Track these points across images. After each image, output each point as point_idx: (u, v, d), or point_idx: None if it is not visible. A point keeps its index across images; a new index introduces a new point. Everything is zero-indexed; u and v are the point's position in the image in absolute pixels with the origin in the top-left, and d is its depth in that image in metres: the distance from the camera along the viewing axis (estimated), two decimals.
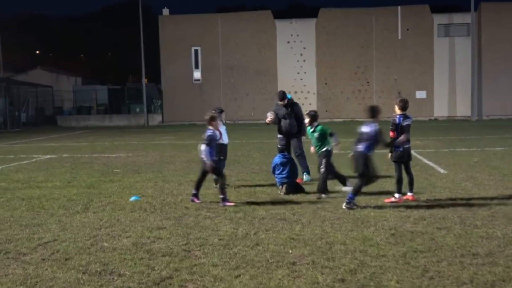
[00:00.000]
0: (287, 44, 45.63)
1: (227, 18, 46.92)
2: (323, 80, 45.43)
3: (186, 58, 46.53)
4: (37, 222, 8.70)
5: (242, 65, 45.91)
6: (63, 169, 15.60)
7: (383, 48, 44.60)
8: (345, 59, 45.03)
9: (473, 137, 24.13)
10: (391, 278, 5.67)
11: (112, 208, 9.68)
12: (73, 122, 47.28)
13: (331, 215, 8.65)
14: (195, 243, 7.19)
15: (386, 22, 44.46)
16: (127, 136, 31.27)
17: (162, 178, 13.25)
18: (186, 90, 46.37)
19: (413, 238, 7.17)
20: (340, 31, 44.93)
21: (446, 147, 19.38)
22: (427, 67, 44.46)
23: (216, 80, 46.35)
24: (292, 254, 6.59)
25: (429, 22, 44.30)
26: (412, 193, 9.79)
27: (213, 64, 46.20)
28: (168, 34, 46.61)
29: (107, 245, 7.24)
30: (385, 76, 44.80)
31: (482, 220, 8.10)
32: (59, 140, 28.64)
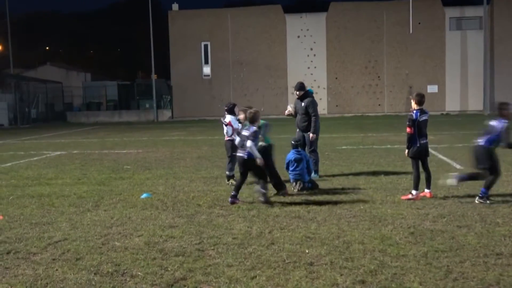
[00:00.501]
0: (297, 38, 45.37)
1: (237, 13, 46.71)
2: (333, 74, 45.15)
3: (195, 53, 46.41)
4: (47, 220, 8.56)
5: (252, 60, 45.71)
6: (73, 165, 15.48)
7: (394, 42, 44.24)
8: (355, 54, 44.72)
9: None
10: (413, 279, 5.46)
11: (123, 205, 9.53)
12: (83, 118, 47.29)
13: (347, 213, 8.44)
14: (208, 242, 7.01)
15: (397, 16, 44.08)
16: (136, 132, 31.18)
17: (173, 175, 13.08)
18: (196, 86, 46.26)
19: (433, 237, 6.95)
20: (351, 25, 44.60)
21: (460, 142, 19.08)
22: (439, 61, 44.07)
23: (225, 75, 46.18)
24: (309, 254, 6.39)
25: (441, 16, 43.88)
26: (430, 190, 9.56)
27: (223, 59, 46.04)
28: (178, 29, 46.49)
29: (118, 244, 7.08)
30: (396, 71, 44.45)
31: (503, 218, 7.86)
32: (69, 137, 28.59)
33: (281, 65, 45.56)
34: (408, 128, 9.53)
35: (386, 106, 44.88)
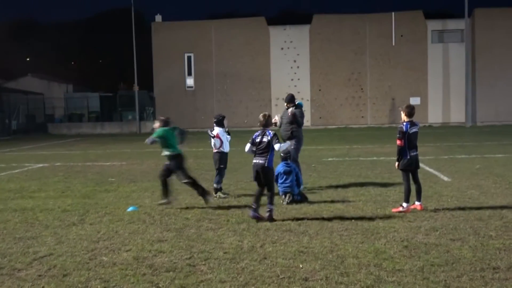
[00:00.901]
0: (281, 50, 45.44)
1: (220, 25, 46.69)
2: (317, 86, 45.24)
3: (179, 65, 46.23)
4: (31, 234, 8.33)
5: (236, 72, 45.66)
6: (56, 178, 15.22)
7: (377, 54, 44.50)
8: (339, 66, 44.88)
9: (470, 143, 23.94)
10: None
11: (109, 219, 9.33)
12: (64, 130, 46.75)
13: (339, 226, 8.34)
14: (199, 257, 6.85)
15: (380, 28, 44.39)
16: (120, 143, 30.88)
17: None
18: (179, 97, 46.06)
19: (427, 251, 6.86)
20: (334, 37, 44.79)
21: (446, 154, 19.16)
22: (421, 73, 44.39)
23: (209, 87, 46.05)
24: (303, 269, 6.26)
25: (423, 28, 44.27)
26: (420, 202, 9.49)
27: (206, 71, 45.93)
28: (161, 40, 46.31)
29: (106, 259, 6.89)
30: (379, 83, 44.68)
31: (496, 231, 7.81)
32: (51, 148, 28.22)
33: (264, 77, 45.55)
34: (398, 141, 9.48)
35: (369, 118, 45.05)
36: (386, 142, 25.42)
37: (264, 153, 9.03)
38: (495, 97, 43.12)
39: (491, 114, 43.21)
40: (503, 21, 43.39)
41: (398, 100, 44.42)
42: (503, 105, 43.01)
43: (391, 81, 44.52)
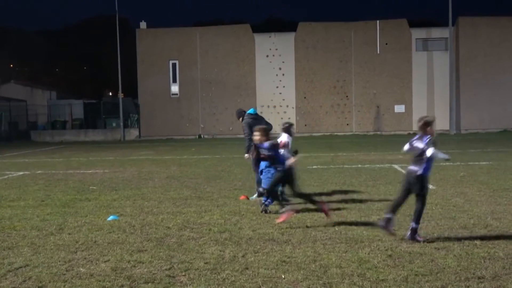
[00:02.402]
0: (266, 58, 45.48)
1: (206, 32, 46.63)
2: (302, 94, 45.30)
3: (163, 72, 46.09)
4: (7, 245, 8.12)
5: (221, 79, 45.60)
6: (37, 186, 14.97)
7: (362, 62, 44.69)
8: (324, 73, 45.00)
9: (455, 151, 23.98)
10: None
11: (88, 228, 9.13)
12: (47, 137, 46.34)
13: (322, 235, 8.22)
14: (179, 268, 6.69)
15: (365, 36, 44.61)
16: (103, 151, 30.60)
17: (141, 196, 12.71)
18: (164, 105, 45.87)
19: (412, 260, 6.76)
20: (319, 45, 44.93)
21: None
22: (406, 81, 44.65)
23: (194, 94, 45.93)
24: (286, 279, 6.13)
25: (408, 37, 44.56)
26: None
27: (191, 78, 45.83)
28: (146, 47, 46.16)
29: (83, 270, 6.70)
30: (364, 90, 44.84)
31: (481, 239, 7.74)
32: (33, 156, 27.88)
33: (250, 84, 45.53)
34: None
35: (354, 126, 45.15)
36: (371, 150, 25.45)
37: (419, 160, 8.19)
38: (479, 105, 43.47)
39: (475, 122, 43.53)
40: (487, 29, 43.79)
41: (383, 108, 44.64)
42: (487, 113, 43.37)
43: (376, 88, 44.69)
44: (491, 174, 15.13)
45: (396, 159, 20.15)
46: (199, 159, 23.01)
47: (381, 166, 17.88)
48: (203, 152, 27.13)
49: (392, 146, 27.51)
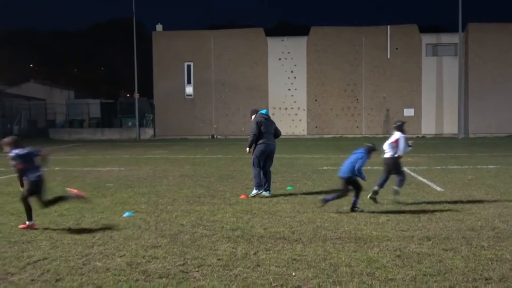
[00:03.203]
0: (278, 61, 45.44)
1: (220, 35, 46.66)
2: (313, 96, 45.21)
3: (178, 73, 46.17)
4: (26, 238, 8.19)
5: (234, 81, 45.63)
6: (55, 182, 15.05)
7: (372, 66, 44.52)
8: (335, 77, 44.88)
9: (463, 154, 23.88)
10: None
11: (105, 224, 9.19)
12: (65, 135, 46.61)
13: (332, 234, 8.21)
14: (192, 264, 6.71)
15: (375, 41, 44.43)
16: (119, 149, 30.72)
17: (156, 193, 12.76)
18: (178, 105, 45.98)
19: (420, 260, 6.73)
20: (331, 49, 44.82)
21: (438, 165, 19.06)
22: (415, 85, 44.42)
23: (207, 95, 45.99)
24: (296, 277, 6.13)
25: (418, 42, 44.33)
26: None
27: (205, 79, 45.88)
28: (161, 49, 46.29)
29: (100, 264, 6.74)
30: (374, 94, 44.67)
31: (488, 241, 7.70)
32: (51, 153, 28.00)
33: (262, 86, 45.51)
34: None
35: (364, 128, 45.00)
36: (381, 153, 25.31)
37: None
38: (487, 110, 43.17)
39: (483, 127, 43.22)
40: (496, 36, 43.49)
41: (393, 111, 44.44)
42: (495, 118, 43.07)
43: (386, 92, 44.51)
44: (498, 177, 15.03)
45: (405, 162, 20.01)
46: (212, 158, 23.04)
47: None
48: (216, 152, 27.16)
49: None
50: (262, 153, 12.18)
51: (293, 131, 44.93)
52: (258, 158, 12.18)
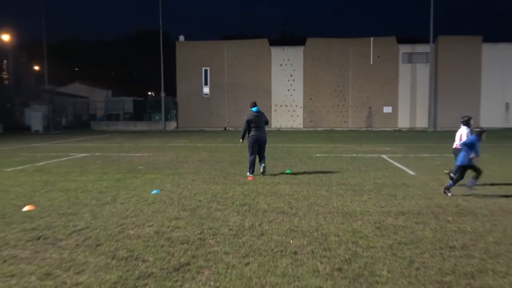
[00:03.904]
0: (280, 66, 45.24)
1: (231, 45, 46.47)
2: (308, 96, 45.03)
3: (197, 76, 46.08)
4: (72, 211, 8.22)
5: (243, 83, 45.49)
6: (95, 165, 15.11)
7: (357, 71, 44.26)
8: (326, 80, 44.67)
9: (432, 145, 23.76)
10: (382, 268, 5.23)
11: (136, 200, 9.21)
12: (104, 127, 46.68)
13: (323, 210, 8.20)
14: (208, 233, 6.72)
15: (360, 50, 44.14)
16: (148, 139, 30.75)
17: (178, 175, 12.77)
18: (197, 103, 45.93)
19: (396, 231, 6.72)
20: (323, 57, 44.57)
21: (412, 153, 18.97)
22: (393, 87, 44.15)
23: (221, 95, 45.89)
24: (293, 244, 6.14)
25: (395, 51, 44.01)
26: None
27: (219, 81, 45.77)
28: (183, 56, 46.17)
29: (132, 232, 6.77)
30: (359, 94, 44.44)
31: (453, 216, 7.67)
32: (92, 142, 28.12)
33: (266, 88, 45.36)
34: None
35: (350, 123, 44.83)
36: (364, 142, 25.26)
37: None
38: (453, 107, 42.88)
39: (449, 121, 42.94)
40: (461, 46, 43.12)
41: (374, 109, 44.25)
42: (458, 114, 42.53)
43: (369, 93, 44.28)
44: None
45: (383, 150, 20.00)
46: (225, 146, 23.04)
47: (371, 156, 17.76)
48: (227, 141, 27.14)
49: (381, 140, 27.30)
50: (253, 143, 12.47)
51: (292, 125, 44.83)
52: (250, 146, 12.53)
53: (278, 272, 5.11)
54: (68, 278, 5.00)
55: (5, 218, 7.67)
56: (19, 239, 6.44)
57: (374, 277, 4.94)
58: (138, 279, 4.95)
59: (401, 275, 5.02)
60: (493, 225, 7.11)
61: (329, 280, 4.87)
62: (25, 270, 5.26)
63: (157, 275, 5.06)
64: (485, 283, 4.80)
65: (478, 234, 6.58)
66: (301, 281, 4.86)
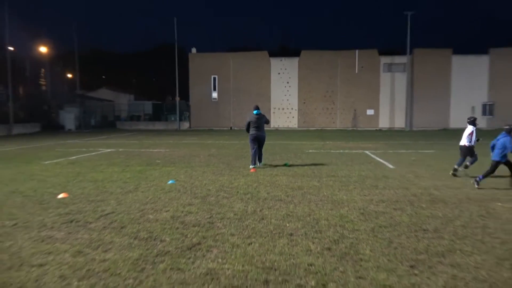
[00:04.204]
0: (278, 75, 45.15)
1: (236, 56, 46.39)
2: (302, 100, 44.95)
3: (207, 83, 46.01)
4: (100, 198, 8.23)
5: (246, 89, 45.42)
6: (120, 159, 15.11)
7: (345, 79, 44.16)
8: (318, 86, 44.57)
9: (409, 142, 23.70)
10: (365, 247, 5.23)
11: (155, 189, 9.21)
12: (127, 126, 46.64)
13: (315, 198, 8.19)
14: (216, 217, 6.73)
15: (347, 61, 44.02)
16: (165, 136, 30.75)
17: (191, 168, 12.76)
18: (207, 106, 45.88)
19: (377, 216, 6.72)
20: (316, 66, 44.47)
21: (391, 149, 18.93)
22: (375, 93, 44.04)
23: (227, 99, 45.83)
24: (289, 227, 6.14)
25: (377, 62, 43.88)
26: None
27: (226, 88, 45.71)
28: (195, 66, 46.11)
29: (151, 217, 6.78)
30: (346, 99, 44.35)
31: (426, 203, 7.66)
32: (117, 139, 28.13)
33: (266, 93, 45.28)
34: None
35: (338, 123, 44.74)
36: (350, 140, 25.22)
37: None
38: (427, 110, 42.83)
39: (424, 122, 42.91)
40: (434, 57, 43.00)
41: (359, 111, 44.16)
42: (432, 116, 42.73)
43: (354, 97, 44.17)
44: (435, 159, 14.90)
45: (367, 147, 19.96)
46: (230, 143, 23.03)
47: (356, 152, 17.73)
48: (233, 139, 27.14)
49: (364, 138, 27.26)
50: (253, 140, 12.68)
51: (288, 125, 44.78)
52: (250, 143, 12.76)
53: (276, 251, 5.12)
54: (97, 255, 5.02)
55: (43, 204, 7.69)
56: (55, 222, 6.46)
57: (358, 255, 4.95)
58: (156, 256, 4.96)
59: (381, 253, 5.02)
60: (461, 211, 7.10)
61: (320, 258, 4.88)
62: (60, 248, 5.27)
63: (172, 253, 5.08)
64: (454, 261, 4.80)
65: (448, 219, 6.57)
66: (296, 258, 4.87)
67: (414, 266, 4.63)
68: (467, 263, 4.75)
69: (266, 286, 4.17)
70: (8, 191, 8.94)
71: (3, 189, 9.18)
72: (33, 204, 7.66)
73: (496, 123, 42.50)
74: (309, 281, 4.27)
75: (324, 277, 4.34)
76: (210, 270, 4.55)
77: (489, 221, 6.47)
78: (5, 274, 4.49)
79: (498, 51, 42.98)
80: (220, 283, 4.23)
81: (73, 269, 4.62)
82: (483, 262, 4.75)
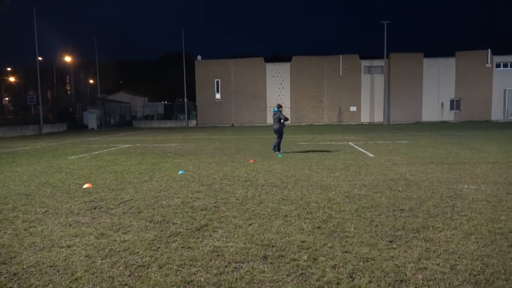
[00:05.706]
0: (272, 78, 45.01)
1: (237, 62, 46.21)
2: (294, 99, 44.85)
3: (211, 86, 45.86)
4: (120, 187, 8.20)
5: (245, 91, 45.28)
6: (136, 153, 15.06)
7: (331, 80, 44.04)
8: (307, 87, 44.46)
9: (386, 134, 23.67)
10: (350, 226, 5.22)
11: (167, 178, 9.18)
12: (142, 125, 46.51)
13: (306, 184, 8.17)
14: (221, 202, 6.71)
15: (332, 65, 43.89)
16: (175, 133, 30.67)
17: (198, 159, 12.73)
18: (211, 106, 45.76)
19: (360, 199, 6.70)
20: (305, 70, 44.34)
21: (371, 140, 18.90)
22: (357, 92, 43.96)
23: (229, 100, 45.70)
24: (284, 209, 6.13)
25: (359, 65, 43.75)
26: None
27: (228, 90, 45.56)
28: (201, 71, 45.92)
29: (164, 203, 6.76)
30: (332, 97, 44.27)
31: (402, 187, 7.64)
32: (134, 136, 28.04)
33: (262, 94, 45.16)
34: None
35: (325, 119, 44.69)
36: (336, 133, 25.18)
37: None
38: (402, 106, 42.81)
39: (400, 116, 42.90)
40: (408, 60, 42.92)
41: (343, 108, 44.10)
42: (406, 111, 42.73)
43: (339, 97, 44.10)
44: (409, 148, 14.89)
45: (351, 139, 19.93)
46: (232, 138, 22.98)
47: (342, 143, 17.71)
48: (234, 134, 27.08)
49: (348, 132, 27.22)
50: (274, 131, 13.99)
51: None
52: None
53: (273, 230, 5.11)
54: (118, 237, 5.00)
55: (70, 193, 7.66)
56: (81, 209, 6.44)
57: (344, 233, 4.94)
58: (169, 237, 4.94)
59: (364, 231, 5.01)
60: (433, 193, 7.10)
61: (311, 236, 4.87)
62: (85, 231, 5.25)
63: (183, 233, 5.06)
64: (427, 236, 4.80)
65: (421, 200, 6.56)
66: (290, 236, 4.86)
67: (392, 241, 4.63)
68: (438, 238, 4.74)
69: (265, 260, 4.17)
70: (40, 182, 8.91)
71: (35, 180, 9.15)
72: (61, 194, 7.63)
73: (463, 116, 42.55)
74: (302, 255, 4.26)
75: (315, 252, 4.34)
76: (216, 247, 4.54)
77: (457, 201, 6.47)
78: (38, 254, 4.48)
79: (463, 54, 42.92)
80: (225, 259, 4.22)
81: (97, 249, 4.61)
82: (452, 237, 4.75)
